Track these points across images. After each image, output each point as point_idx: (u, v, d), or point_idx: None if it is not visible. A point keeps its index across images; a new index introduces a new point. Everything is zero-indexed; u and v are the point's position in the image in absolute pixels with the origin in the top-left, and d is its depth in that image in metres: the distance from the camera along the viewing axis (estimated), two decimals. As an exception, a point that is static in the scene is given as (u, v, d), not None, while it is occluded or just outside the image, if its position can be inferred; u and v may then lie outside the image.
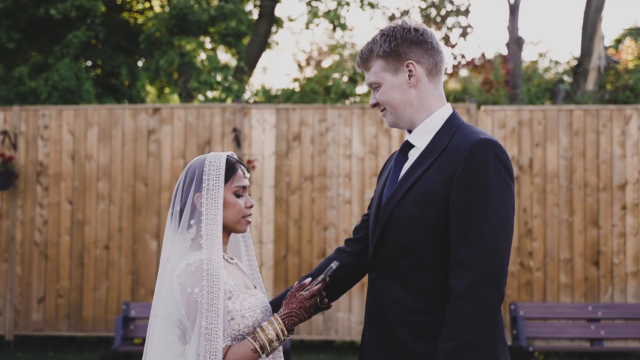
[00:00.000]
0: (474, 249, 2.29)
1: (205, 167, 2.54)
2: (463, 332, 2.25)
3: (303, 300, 2.50)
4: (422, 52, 2.52)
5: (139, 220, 8.73)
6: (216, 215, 2.49)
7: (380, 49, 2.53)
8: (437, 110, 2.53)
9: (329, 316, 8.53)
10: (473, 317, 2.26)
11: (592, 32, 11.72)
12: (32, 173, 8.84)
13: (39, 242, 8.76)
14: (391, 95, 2.53)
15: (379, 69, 2.54)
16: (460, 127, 2.48)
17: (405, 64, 2.51)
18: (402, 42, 2.51)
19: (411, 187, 2.43)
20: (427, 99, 2.53)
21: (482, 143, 2.37)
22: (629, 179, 8.50)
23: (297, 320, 2.49)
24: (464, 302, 2.26)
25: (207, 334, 2.35)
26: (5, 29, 11.88)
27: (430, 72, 2.53)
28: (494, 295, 2.27)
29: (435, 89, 2.55)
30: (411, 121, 2.55)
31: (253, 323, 2.49)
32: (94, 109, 8.95)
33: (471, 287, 2.27)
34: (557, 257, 8.47)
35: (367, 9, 13.51)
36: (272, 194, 8.65)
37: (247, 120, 8.80)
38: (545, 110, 8.71)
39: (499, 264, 2.29)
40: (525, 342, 7.48)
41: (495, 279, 2.28)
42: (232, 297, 2.46)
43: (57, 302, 8.72)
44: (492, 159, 2.35)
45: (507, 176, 2.36)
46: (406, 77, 2.51)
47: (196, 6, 11.79)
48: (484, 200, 2.32)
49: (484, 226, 2.29)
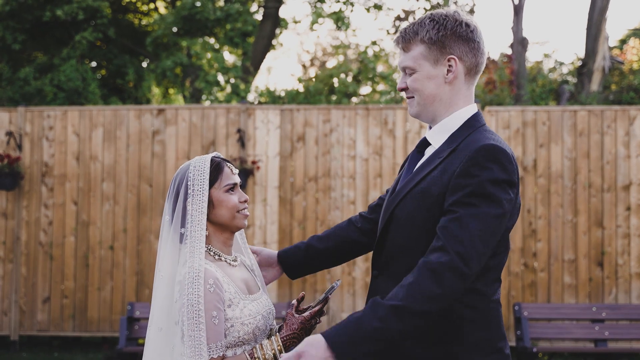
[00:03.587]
0: (455, 242, 2.20)
1: (190, 172, 2.54)
2: (409, 299, 2.17)
3: (304, 321, 2.48)
4: (468, 50, 2.42)
5: (143, 221, 8.75)
6: (200, 221, 2.48)
7: (426, 34, 2.40)
8: (460, 109, 2.44)
9: (333, 316, 8.54)
10: (429, 292, 2.17)
11: (596, 33, 11.71)
12: (37, 174, 8.87)
13: (44, 242, 8.79)
14: (424, 85, 2.43)
15: (419, 55, 2.42)
16: (478, 130, 2.40)
17: (447, 58, 2.40)
18: (451, 35, 2.40)
19: (415, 186, 2.38)
20: (457, 97, 2.44)
21: (486, 148, 2.28)
22: (634, 179, 8.49)
23: (297, 341, 2.46)
24: (430, 274, 2.18)
25: (190, 341, 2.37)
26: (11, 30, 11.93)
27: (469, 72, 2.44)
28: (456, 287, 2.19)
29: (468, 89, 2.46)
30: (434, 117, 2.46)
31: (253, 330, 2.49)
32: (99, 110, 8.98)
33: (444, 265, 2.18)
34: (562, 257, 8.46)
35: (372, 10, 13.53)
36: (276, 195, 8.66)
37: (252, 121, 8.81)
38: (549, 110, 8.71)
39: (474, 262, 2.20)
40: (529, 343, 7.47)
41: (465, 274, 2.19)
42: (232, 305, 2.46)
43: (62, 303, 8.75)
44: (493, 165, 2.26)
45: (507, 185, 2.27)
46: (444, 71, 2.41)
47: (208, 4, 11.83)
48: (474, 203, 2.23)
49: (470, 225, 2.21)
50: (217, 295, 2.42)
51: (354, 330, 2.17)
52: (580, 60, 12.58)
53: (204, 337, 2.36)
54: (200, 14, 11.79)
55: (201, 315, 2.37)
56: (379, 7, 13.64)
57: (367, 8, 13.69)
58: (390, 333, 2.16)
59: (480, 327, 2.35)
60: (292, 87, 10.99)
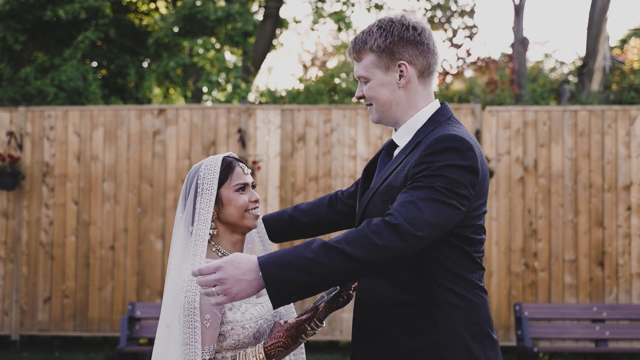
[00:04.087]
0: (404, 209, 2.22)
1: (201, 171, 2.55)
2: (344, 242, 2.18)
3: (289, 328, 2.41)
4: (417, 53, 2.45)
5: (144, 221, 8.75)
6: (206, 220, 2.48)
7: (375, 42, 2.45)
8: (421, 110, 2.48)
9: (334, 317, 8.54)
10: (366, 241, 2.18)
11: (597, 33, 11.71)
12: (38, 174, 8.87)
13: (45, 242, 8.80)
14: (379, 92, 2.47)
15: (370, 64, 2.47)
16: (441, 124, 2.43)
17: (397, 64, 2.44)
18: (399, 40, 2.43)
19: (382, 183, 2.43)
20: (415, 99, 2.48)
21: (443, 137, 2.32)
22: (634, 179, 8.49)
23: (283, 349, 2.40)
24: (373, 227, 2.20)
25: (184, 339, 2.37)
26: (12, 30, 11.93)
27: (422, 74, 2.48)
28: (395, 244, 2.18)
29: (425, 89, 2.50)
30: (396, 120, 2.50)
31: (254, 334, 2.48)
32: (100, 110, 8.99)
33: (387, 222, 2.20)
34: (562, 257, 8.46)
35: (373, 10, 13.53)
36: (277, 195, 8.67)
37: (252, 121, 8.81)
38: (550, 110, 8.71)
39: (419, 225, 2.20)
40: (530, 343, 7.48)
41: (406, 235, 2.19)
42: (232, 308, 2.46)
43: (63, 302, 8.75)
44: (448, 152, 2.29)
45: (464, 170, 2.28)
46: (396, 77, 2.45)
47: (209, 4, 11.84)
48: (427, 184, 2.26)
49: (419, 204, 2.22)
50: None
51: (285, 254, 2.19)
52: (581, 60, 12.58)
53: (198, 336, 2.36)
54: (201, 13, 11.80)
55: (196, 314, 2.36)
56: (380, 7, 13.63)
57: (367, 8, 13.70)
58: (317, 266, 2.16)
59: (467, 313, 2.38)
60: (292, 87, 10.99)
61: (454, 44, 14.09)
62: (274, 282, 2.16)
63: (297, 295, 2.19)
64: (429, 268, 2.36)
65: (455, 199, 2.26)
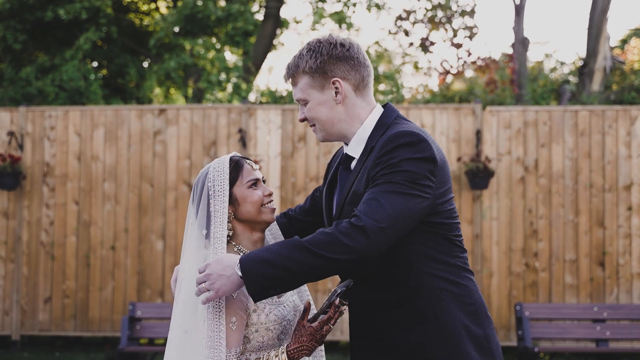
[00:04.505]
0: (368, 209, 2.29)
1: (210, 174, 2.55)
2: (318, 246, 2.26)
3: (313, 332, 2.41)
4: (349, 68, 2.50)
5: (144, 221, 8.76)
6: (222, 222, 2.48)
7: (306, 64, 2.50)
8: (365, 119, 2.53)
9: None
10: (339, 247, 2.25)
11: (597, 33, 11.71)
12: (39, 174, 8.87)
13: (46, 242, 8.80)
14: (318, 112, 2.52)
15: (305, 86, 2.52)
16: (390, 126, 2.48)
17: (331, 82, 2.49)
18: (329, 59, 2.49)
19: (348, 193, 2.47)
20: (356, 112, 2.53)
21: (394, 135, 2.38)
22: (635, 179, 8.48)
23: (307, 352, 2.42)
24: (341, 229, 2.27)
25: (209, 342, 2.36)
26: (12, 30, 11.93)
27: (357, 87, 2.52)
28: (362, 242, 2.26)
29: (364, 100, 2.54)
30: (342, 135, 2.55)
31: (278, 335, 2.48)
32: (100, 110, 8.99)
33: (352, 224, 2.27)
34: (563, 257, 8.46)
35: (373, 10, 13.53)
36: (278, 195, 8.67)
37: (253, 120, 8.81)
38: (550, 110, 8.70)
39: (384, 229, 2.27)
40: (530, 343, 7.48)
41: (370, 233, 2.26)
42: (257, 310, 2.45)
43: (63, 302, 8.76)
44: (401, 148, 2.34)
45: (420, 161, 2.33)
46: (333, 94, 2.50)
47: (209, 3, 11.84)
48: (385, 180, 2.32)
49: (380, 199, 2.29)
50: (240, 302, 2.41)
51: (264, 252, 2.30)
52: (582, 60, 12.58)
53: (223, 340, 2.36)
54: (201, 13, 11.80)
55: (222, 317, 2.37)
56: (380, 6, 13.63)
57: (368, 7, 13.69)
58: (292, 263, 2.26)
59: (461, 297, 2.44)
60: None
61: (454, 43, 14.09)
62: (252, 278, 2.27)
63: (274, 290, 2.30)
64: (412, 261, 2.40)
65: (417, 189, 2.32)
